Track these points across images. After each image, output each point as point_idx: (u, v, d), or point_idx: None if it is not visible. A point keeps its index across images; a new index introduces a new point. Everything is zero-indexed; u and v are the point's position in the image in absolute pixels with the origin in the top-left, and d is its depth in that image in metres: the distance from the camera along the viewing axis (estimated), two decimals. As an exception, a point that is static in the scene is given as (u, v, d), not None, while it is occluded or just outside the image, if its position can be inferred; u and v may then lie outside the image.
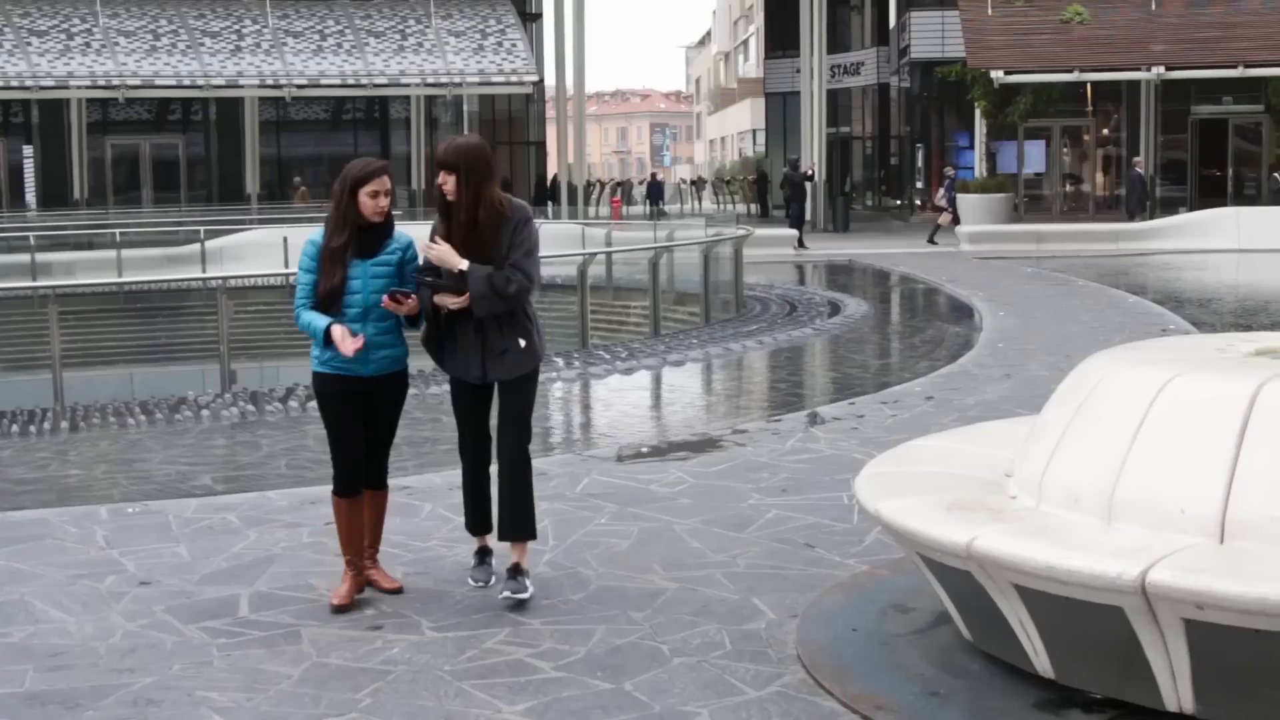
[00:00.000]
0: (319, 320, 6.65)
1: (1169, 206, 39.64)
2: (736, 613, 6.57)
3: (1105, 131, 45.32)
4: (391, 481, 7.27)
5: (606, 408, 13.72)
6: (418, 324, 6.88)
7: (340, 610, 6.70)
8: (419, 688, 5.73)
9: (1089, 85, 42.77)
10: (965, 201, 38.06)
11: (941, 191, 38.49)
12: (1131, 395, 5.66)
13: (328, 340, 6.62)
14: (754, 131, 71.72)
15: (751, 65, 79.44)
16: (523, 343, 6.84)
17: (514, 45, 46.50)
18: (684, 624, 6.43)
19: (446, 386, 7.36)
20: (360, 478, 6.88)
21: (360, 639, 6.31)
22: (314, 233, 6.87)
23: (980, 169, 43.51)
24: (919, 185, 50.03)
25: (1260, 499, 5.13)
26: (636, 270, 20.81)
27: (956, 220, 36.41)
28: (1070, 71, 39.09)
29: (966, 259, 29.10)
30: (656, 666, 5.90)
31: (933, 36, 46.05)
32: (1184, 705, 5.06)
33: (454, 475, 9.59)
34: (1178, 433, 5.43)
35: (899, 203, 52.21)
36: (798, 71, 45.87)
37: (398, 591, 6.91)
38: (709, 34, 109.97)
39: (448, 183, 6.72)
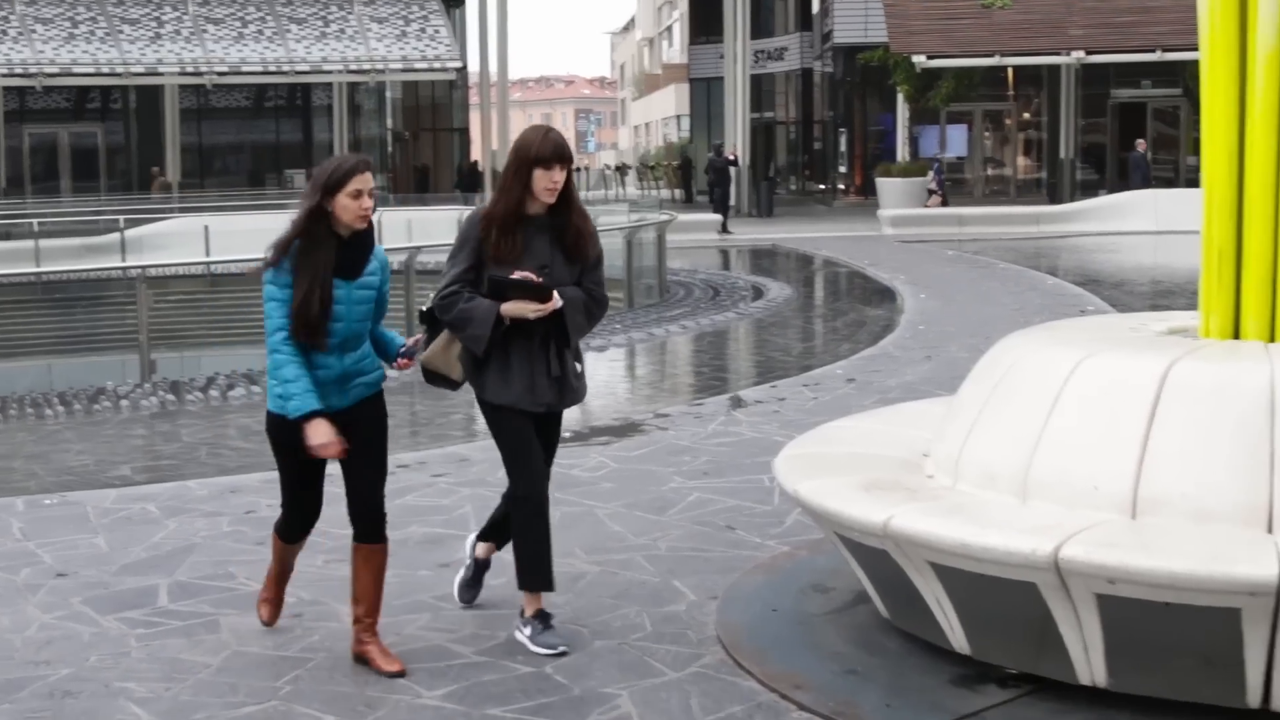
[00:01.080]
0: (307, 398, 5.58)
1: (1088, 189, 40.01)
2: (657, 595, 6.60)
3: (1026, 115, 45.69)
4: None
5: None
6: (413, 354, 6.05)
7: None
8: (338, 674, 5.72)
9: (1010, 69, 43.08)
10: (887, 185, 38.26)
11: (931, 175, 38.76)
12: (1045, 375, 5.72)
13: (302, 424, 5.63)
14: (679, 117, 71.79)
15: (676, 51, 79.47)
16: (580, 368, 6.09)
17: (437, 31, 46.28)
18: (605, 607, 6.45)
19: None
20: (308, 530, 6.18)
21: (280, 627, 6.28)
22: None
23: (903, 153, 43.72)
24: (842, 170, 50.25)
25: (1170, 475, 5.20)
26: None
27: (944, 202, 36.85)
28: (991, 56, 39.32)
29: (889, 242, 29.25)
30: (577, 649, 5.91)
31: (856, 21, 46.20)
32: (1096, 678, 5.13)
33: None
34: (1090, 411, 5.50)
35: (823, 187, 52.39)
36: (722, 57, 45.88)
37: (400, 675, 5.66)
38: (633, 20, 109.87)
39: (559, 181, 5.85)
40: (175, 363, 16.41)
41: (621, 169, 64.51)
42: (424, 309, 6.05)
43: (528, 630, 5.96)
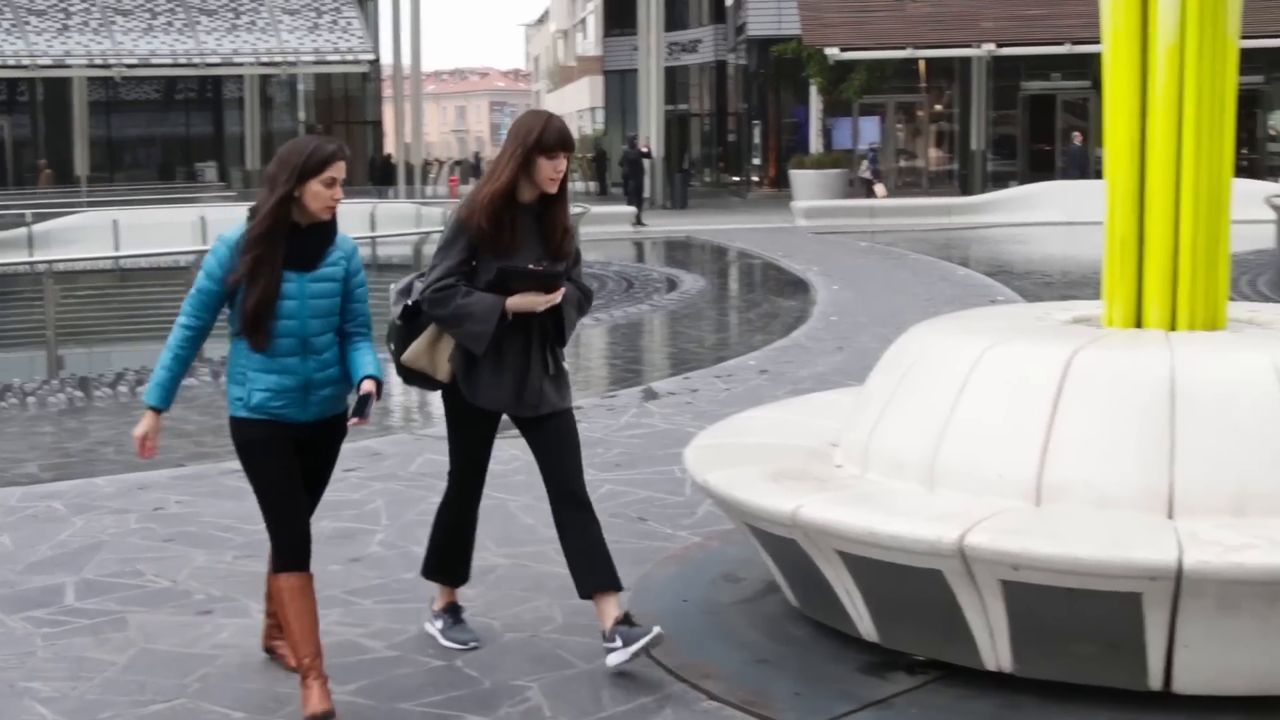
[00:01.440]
0: (154, 390, 5.19)
1: (999, 181, 40.40)
2: (568, 588, 6.53)
3: (938, 108, 46.05)
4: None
5: (443, 387, 13.62)
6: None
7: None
8: (248, 671, 5.68)
9: (922, 62, 43.39)
10: (801, 177, 38.45)
11: (865, 164, 38.97)
12: (952, 364, 5.78)
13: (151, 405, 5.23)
14: (593, 109, 71.72)
15: (590, 43, 79.42)
16: (565, 364, 5.86)
17: (349, 23, 46.04)
18: (516, 599, 6.45)
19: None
20: (310, 540, 5.29)
21: (189, 624, 6.23)
22: (229, 231, 5.23)
23: (816, 145, 43.93)
24: (756, 162, 50.43)
25: (1073, 462, 5.27)
26: (473, 250, 20.69)
27: (880, 191, 37.18)
28: (904, 48, 39.61)
29: (802, 234, 29.37)
30: (489, 642, 5.91)
31: (769, 14, 46.38)
32: (1002, 664, 5.19)
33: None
34: (996, 400, 5.56)
35: (737, 179, 52.55)
36: (636, 49, 45.94)
37: (329, 715, 5.10)
38: (547, 12, 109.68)
39: (563, 170, 5.64)
40: (84, 358, 16.18)
41: (536, 161, 64.25)
42: (407, 303, 5.67)
43: (439, 624, 5.93)
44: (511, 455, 9.26)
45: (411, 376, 5.78)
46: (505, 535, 7.45)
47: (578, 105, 76.57)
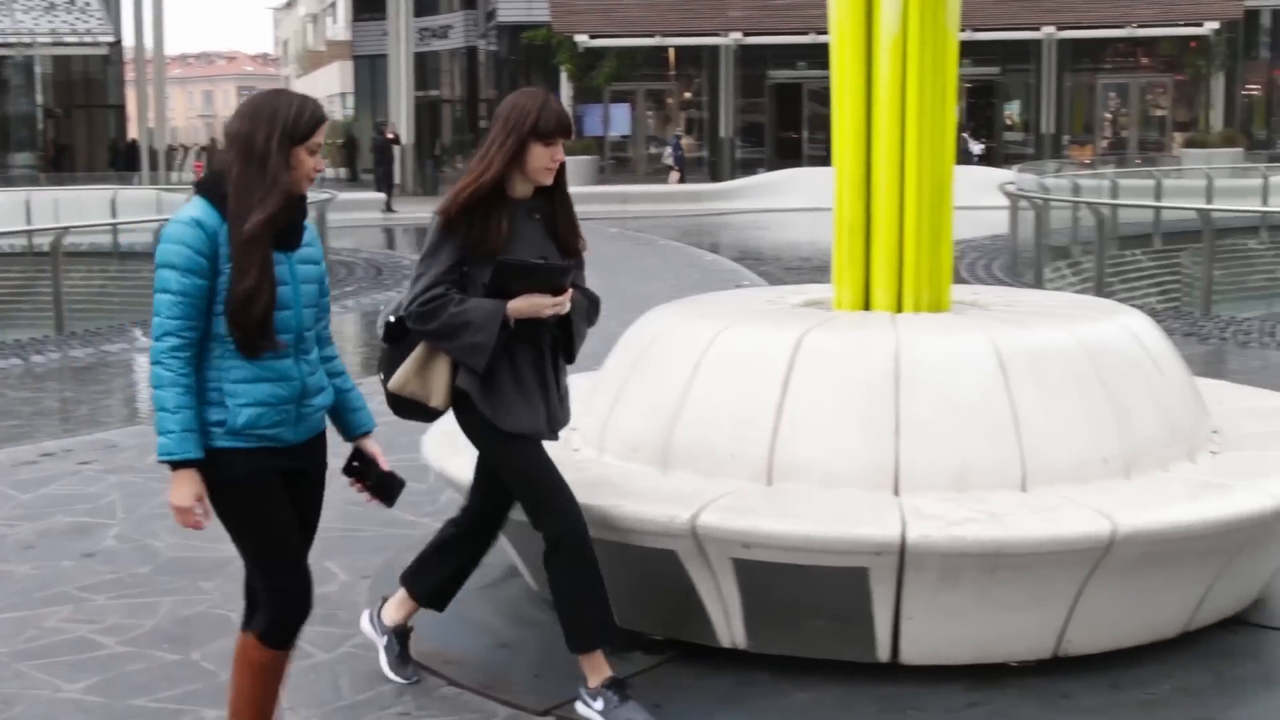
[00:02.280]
0: (187, 440, 4.03)
1: (748, 167, 41.04)
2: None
3: (687, 95, 46.53)
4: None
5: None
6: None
7: None
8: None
9: (671, 50, 43.82)
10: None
11: (669, 151, 39.04)
12: (685, 347, 5.87)
13: (171, 472, 4.13)
14: (343, 95, 70.78)
15: (340, 27, 78.32)
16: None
17: (88, 4, 44.79)
18: (255, 591, 6.35)
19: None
20: (309, 611, 4.39)
21: (-90, 624, 6.03)
22: (183, 211, 4.10)
23: (568, 132, 44.01)
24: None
25: (803, 442, 5.40)
26: (218, 237, 20.31)
27: (682, 179, 37.40)
28: (652, 36, 39.98)
29: (554, 221, 29.29)
30: (225, 635, 5.79)
31: (519, 0, 46.34)
32: (737, 641, 5.30)
33: (17, 451, 9.26)
34: (728, 382, 5.66)
35: (489, 166, 52.34)
36: (386, 34, 45.50)
37: None
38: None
39: (560, 159, 4.96)
40: None
41: (285, 148, 63.29)
42: (390, 320, 4.94)
43: (599, 704, 4.87)
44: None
45: (403, 406, 5.03)
46: (245, 526, 7.33)
47: (328, 90, 75.50)
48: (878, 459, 5.35)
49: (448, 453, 6.03)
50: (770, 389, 5.52)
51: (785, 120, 44.85)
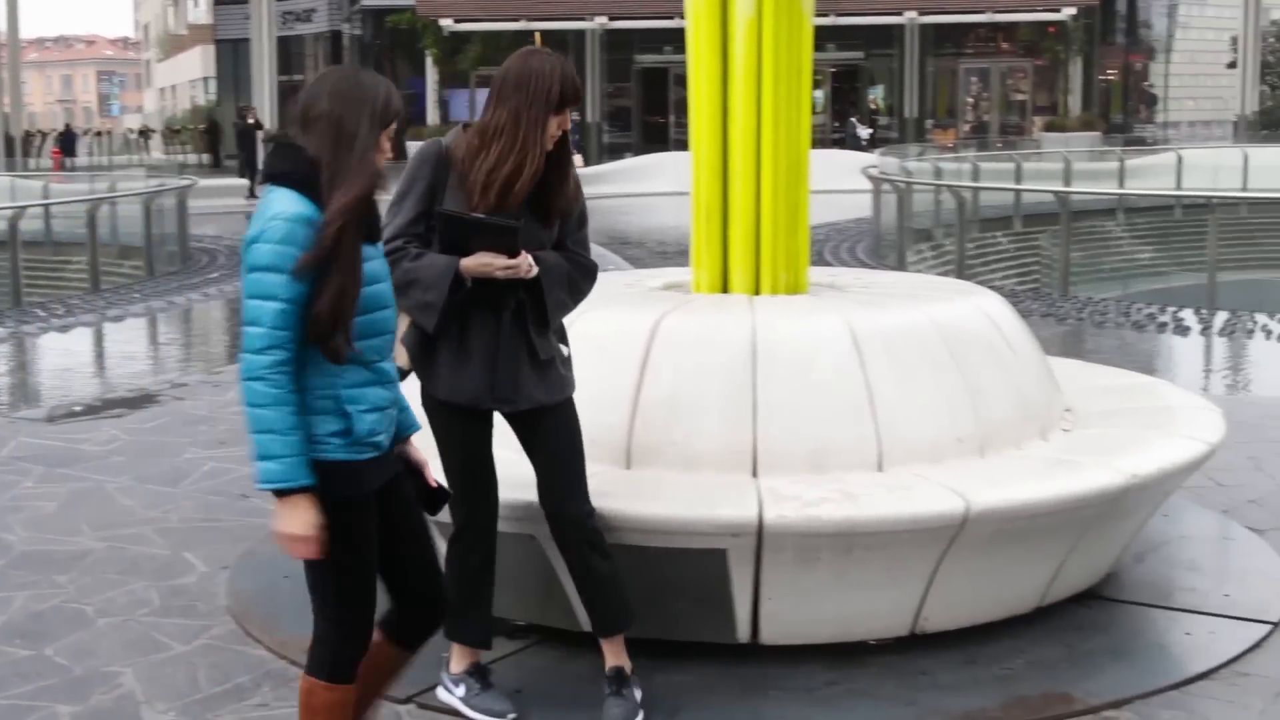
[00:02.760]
0: (299, 466, 3.63)
1: (615, 152, 41.10)
2: (167, 568, 6.45)
3: (554, 79, 46.45)
4: None
5: (41, 367, 13.12)
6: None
7: None
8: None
9: (538, 34, 43.65)
10: (414, 150, 38.32)
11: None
12: (545, 332, 5.84)
13: (278, 501, 3.69)
14: (206, 79, 69.75)
15: (202, 11, 77.10)
16: (566, 350, 4.79)
17: (-61, -13, 43.65)
18: (111, 584, 6.26)
19: None
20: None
21: None
22: (273, 205, 3.62)
23: (433, 116, 43.82)
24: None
25: (659, 425, 5.42)
26: (77, 224, 20.01)
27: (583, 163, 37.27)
28: (517, 21, 39.85)
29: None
30: (80, 629, 5.73)
31: (384, -16, 46.03)
32: (597, 625, 5.29)
33: None
34: (586, 366, 5.62)
35: (354, 151, 51.95)
36: (248, 18, 44.94)
37: None
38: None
39: (565, 126, 4.58)
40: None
41: (145, 133, 62.36)
42: None
43: (460, 690, 4.89)
44: (111, 435, 9.03)
45: None
46: (102, 518, 7.23)
47: (190, 75, 74.47)
48: (736, 441, 5.38)
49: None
50: (628, 373, 5.53)
51: (652, 105, 44.96)
